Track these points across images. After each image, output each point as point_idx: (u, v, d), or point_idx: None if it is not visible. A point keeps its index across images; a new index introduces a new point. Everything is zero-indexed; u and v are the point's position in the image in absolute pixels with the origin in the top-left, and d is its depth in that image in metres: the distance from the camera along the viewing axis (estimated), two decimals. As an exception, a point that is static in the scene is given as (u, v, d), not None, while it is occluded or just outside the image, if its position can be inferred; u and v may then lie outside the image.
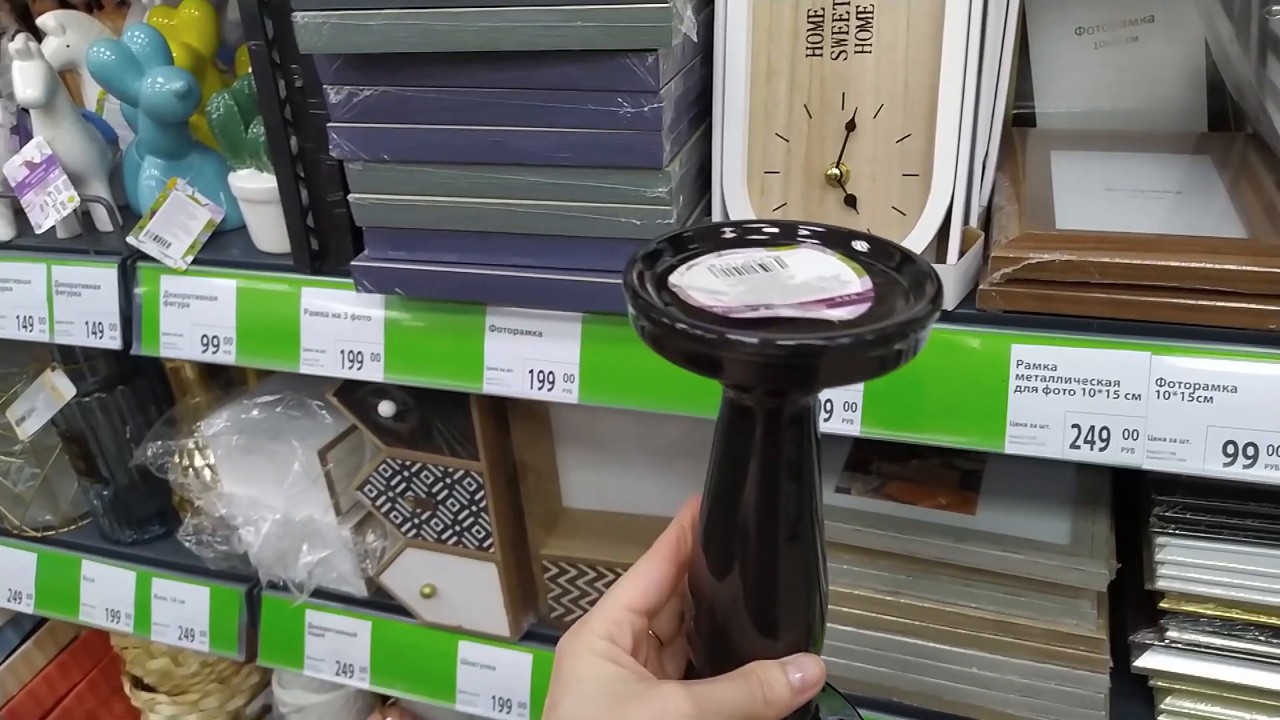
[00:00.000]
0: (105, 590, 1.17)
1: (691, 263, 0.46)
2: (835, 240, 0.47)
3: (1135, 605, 0.83)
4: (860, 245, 0.47)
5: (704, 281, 0.44)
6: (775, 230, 0.48)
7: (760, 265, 0.45)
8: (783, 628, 0.48)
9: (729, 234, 0.48)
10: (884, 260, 0.46)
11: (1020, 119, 0.89)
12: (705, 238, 0.48)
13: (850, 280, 0.44)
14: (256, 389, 1.07)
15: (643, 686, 0.45)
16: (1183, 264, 0.63)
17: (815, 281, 0.44)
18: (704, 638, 0.50)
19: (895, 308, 0.42)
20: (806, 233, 0.48)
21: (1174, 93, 0.85)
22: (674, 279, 0.44)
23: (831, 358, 0.38)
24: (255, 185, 0.87)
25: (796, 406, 0.43)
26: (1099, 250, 0.64)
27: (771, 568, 0.46)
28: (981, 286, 0.68)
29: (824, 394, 0.71)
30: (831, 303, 0.42)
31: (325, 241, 0.86)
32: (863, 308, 0.42)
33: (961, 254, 0.67)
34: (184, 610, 1.13)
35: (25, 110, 0.96)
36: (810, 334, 0.38)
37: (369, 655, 1.06)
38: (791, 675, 0.46)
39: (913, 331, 0.39)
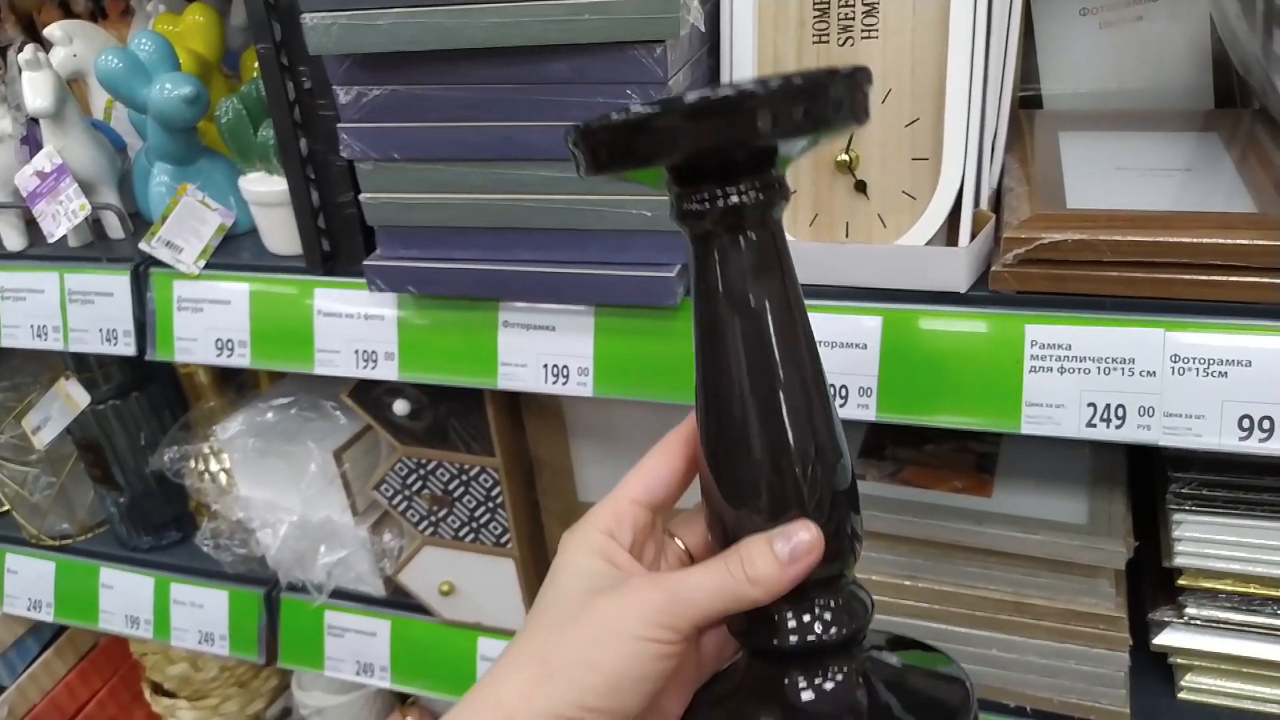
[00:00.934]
0: (124, 597, 1.18)
1: None
2: None
3: (1153, 584, 0.83)
4: None
5: None
6: None
7: None
8: (766, 493, 0.42)
9: None
10: None
11: (1026, 101, 0.89)
12: None
13: None
14: (270, 391, 1.08)
15: (619, 579, 0.42)
16: (1194, 240, 0.63)
17: None
18: (713, 534, 0.46)
19: None
20: None
21: (1180, 71, 0.85)
22: None
23: (765, 102, 0.38)
24: (265, 188, 0.87)
25: (754, 218, 0.42)
26: (1110, 229, 0.64)
27: (744, 418, 0.42)
28: (994, 268, 0.68)
29: (837, 378, 0.71)
30: None
31: (337, 242, 0.86)
32: None
33: (973, 236, 0.68)
34: (203, 614, 1.14)
35: (35, 120, 0.96)
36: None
37: (389, 654, 1.06)
38: (776, 546, 0.40)
39: (842, 84, 0.39)
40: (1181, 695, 0.82)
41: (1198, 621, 0.79)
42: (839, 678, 0.42)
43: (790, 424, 0.42)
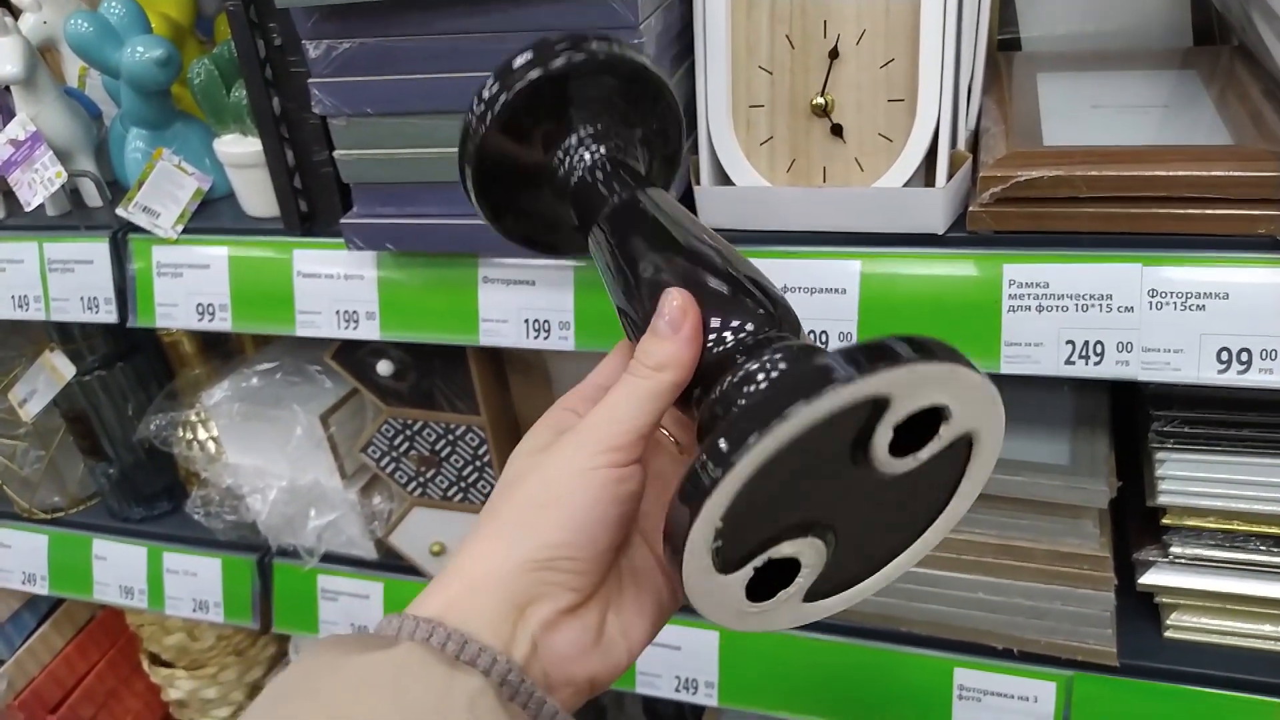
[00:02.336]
0: (117, 568, 1.18)
1: None
2: None
3: (1137, 525, 0.84)
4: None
5: None
6: None
7: None
8: (647, 294, 0.44)
9: None
10: None
11: (1006, 45, 0.88)
12: None
13: None
14: (255, 357, 1.07)
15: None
16: (1171, 173, 0.63)
17: None
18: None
19: None
20: None
21: (1158, 10, 0.84)
22: None
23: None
24: (240, 149, 0.87)
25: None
26: (1087, 164, 0.64)
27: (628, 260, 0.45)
28: (971, 208, 0.67)
29: (817, 323, 0.71)
30: None
31: (314, 203, 0.86)
32: None
33: (950, 177, 0.67)
34: (197, 583, 1.14)
35: (6, 89, 0.95)
36: None
37: (383, 616, 1.07)
38: (657, 325, 0.40)
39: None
40: (1168, 634, 0.83)
41: (1182, 560, 0.80)
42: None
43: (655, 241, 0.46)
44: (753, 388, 0.39)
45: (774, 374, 0.39)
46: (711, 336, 0.41)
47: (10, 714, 1.29)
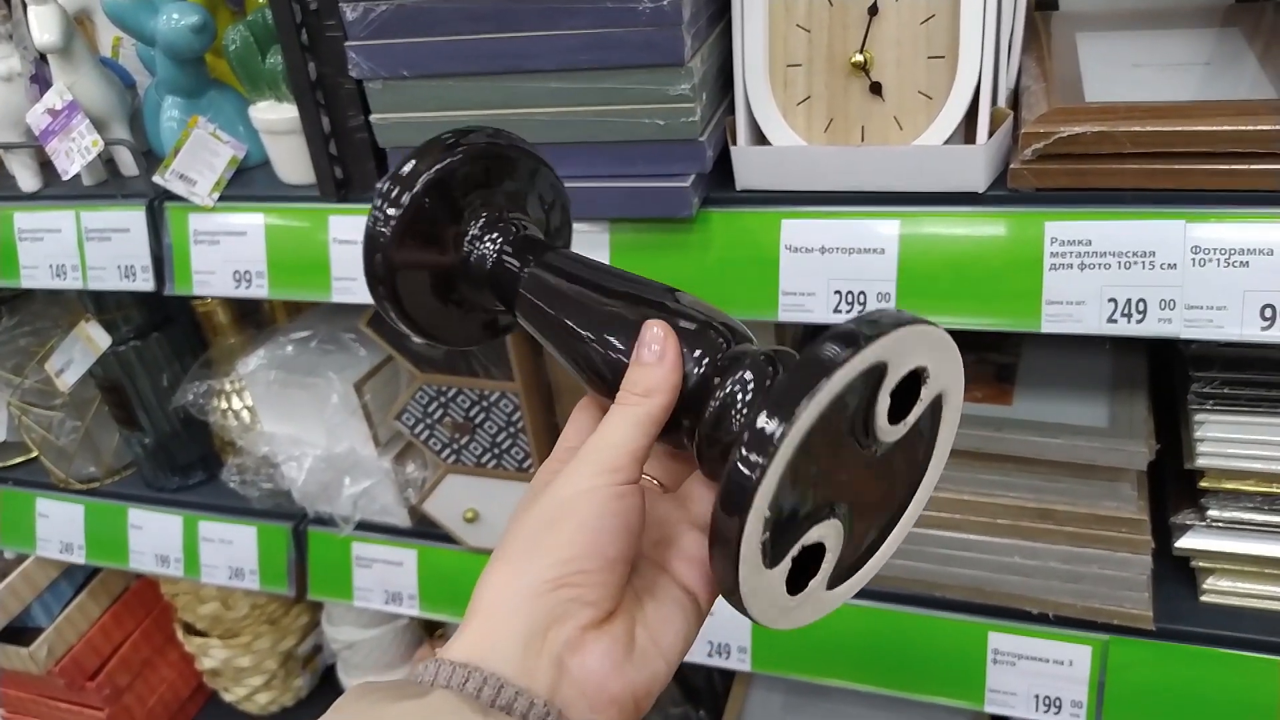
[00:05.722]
0: (153, 537, 1.20)
1: None
2: None
3: (1175, 489, 0.83)
4: None
5: None
6: None
7: None
8: (622, 337, 0.46)
9: None
10: None
11: (1042, 4, 0.87)
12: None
13: None
14: (289, 326, 1.08)
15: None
16: (1215, 128, 0.62)
17: None
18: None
19: None
20: None
21: (1199, -33, 0.83)
22: None
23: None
24: (276, 116, 0.87)
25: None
26: (1130, 120, 0.63)
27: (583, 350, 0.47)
28: (1012, 166, 0.67)
29: (855, 284, 0.71)
30: None
31: (349, 169, 0.86)
32: None
33: (991, 134, 0.67)
34: (232, 551, 1.16)
35: (43, 58, 0.96)
36: None
37: (416, 583, 1.08)
38: (640, 355, 0.43)
39: None
40: (1204, 598, 0.83)
41: (1220, 524, 0.79)
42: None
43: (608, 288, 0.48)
44: (768, 382, 0.41)
45: (781, 367, 0.42)
46: (689, 360, 0.43)
47: (51, 680, 1.31)
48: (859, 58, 0.68)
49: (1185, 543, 0.81)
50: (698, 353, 0.43)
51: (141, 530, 1.21)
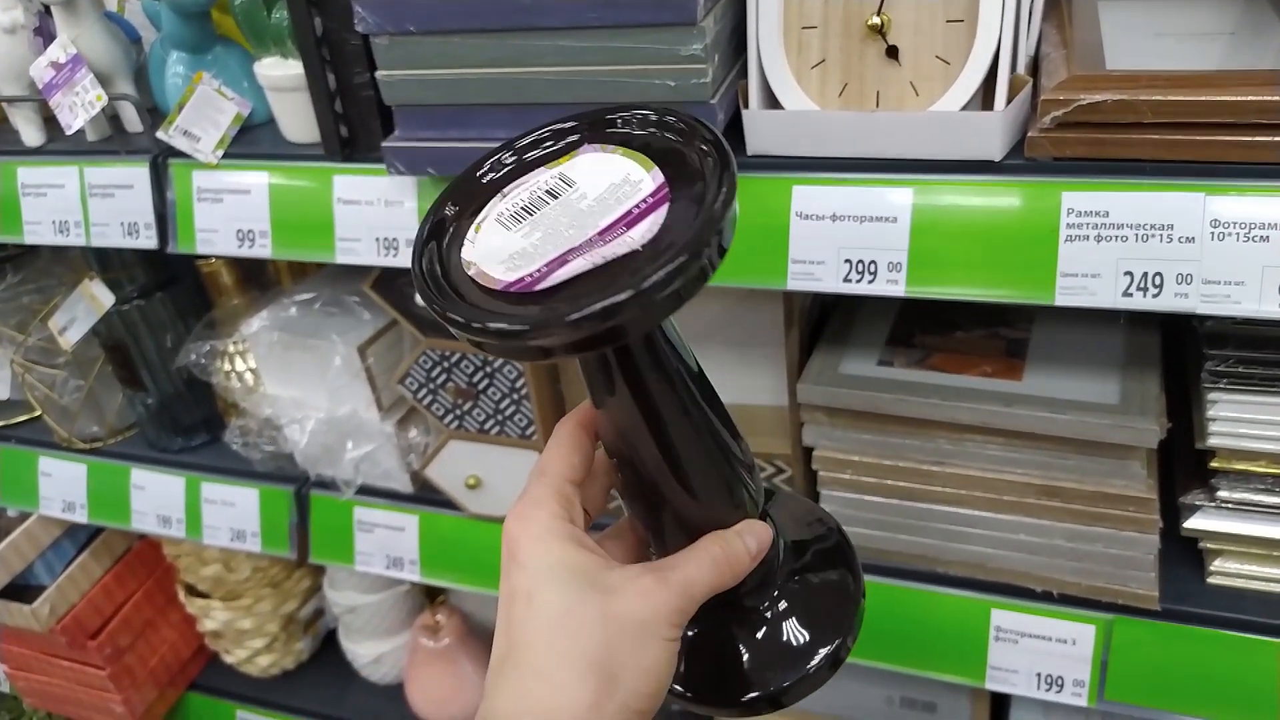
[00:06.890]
0: (155, 497, 1.20)
1: (480, 217, 0.44)
2: (604, 131, 0.46)
3: (1184, 469, 0.82)
4: (628, 126, 0.45)
5: (498, 242, 0.43)
6: (550, 142, 0.47)
7: (548, 193, 0.44)
8: (720, 509, 0.50)
9: (508, 160, 0.47)
10: (660, 131, 0.44)
11: (1064, -27, 0.85)
12: (481, 189, 0.46)
13: (641, 179, 0.42)
14: (293, 288, 1.07)
15: (619, 577, 0.45)
16: (1238, 98, 0.60)
17: (607, 195, 0.42)
18: (650, 530, 0.51)
19: (694, 194, 0.41)
20: (575, 135, 0.47)
21: (1227, -65, 0.81)
22: (467, 253, 0.43)
23: (635, 307, 0.37)
24: (281, 72, 0.86)
25: (640, 338, 0.43)
26: (1151, 89, 0.62)
27: (686, 477, 0.48)
28: (1030, 134, 0.66)
29: (866, 253, 0.70)
30: (629, 219, 0.41)
31: (354, 127, 0.85)
32: (661, 212, 0.41)
33: (1009, 101, 0.65)
34: (234, 513, 1.15)
35: (48, 11, 0.95)
36: (613, 285, 0.37)
37: (418, 548, 1.07)
38: (748, 542, 0.49)
39: (713, 237, 0.38)
40: (1211, 580, 0.82)
41: (1229, 505, 0.78)
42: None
43: (736, 455, 0.50)
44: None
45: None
46: None
47: (53, 638, 1.31)
48: (876, 20, 0.67)
49: (1194, 523, 0.80)
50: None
51: (144, 490, 1.21)
